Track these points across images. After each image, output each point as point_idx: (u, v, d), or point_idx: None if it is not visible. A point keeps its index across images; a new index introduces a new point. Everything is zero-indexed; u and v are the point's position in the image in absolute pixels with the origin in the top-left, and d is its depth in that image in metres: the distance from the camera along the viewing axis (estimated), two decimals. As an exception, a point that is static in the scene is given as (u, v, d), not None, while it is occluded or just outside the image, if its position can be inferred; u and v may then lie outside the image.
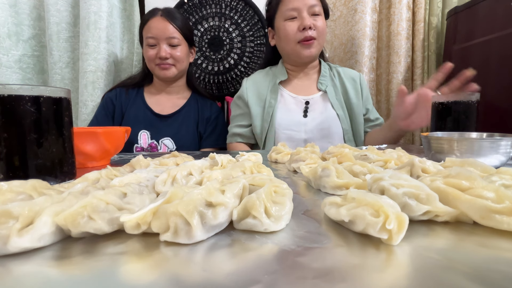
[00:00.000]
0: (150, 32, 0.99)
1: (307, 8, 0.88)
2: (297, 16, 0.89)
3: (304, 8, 0.87)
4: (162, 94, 1.10)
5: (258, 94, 0.98)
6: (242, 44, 1.33)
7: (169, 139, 1.04)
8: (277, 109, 0.95)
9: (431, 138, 0.51)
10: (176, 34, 0.99)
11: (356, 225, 0.23)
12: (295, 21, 0.89)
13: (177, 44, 1.00)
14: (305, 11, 0.87)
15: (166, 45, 0.99)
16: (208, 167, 0.41)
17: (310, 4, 0.87)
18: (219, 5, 1.30)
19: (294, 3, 0.88)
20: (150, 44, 1.00)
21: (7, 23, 1.12)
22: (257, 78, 1.02)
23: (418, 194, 0.25)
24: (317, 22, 0.89)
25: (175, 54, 1.00)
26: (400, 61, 1.29)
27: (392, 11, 1.29)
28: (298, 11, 0.88)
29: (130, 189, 0.28)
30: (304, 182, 0.42)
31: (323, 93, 0.96)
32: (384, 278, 0.17)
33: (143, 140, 1.03)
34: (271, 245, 0.22)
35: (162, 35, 0.98)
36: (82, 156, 0.54)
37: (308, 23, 0.87)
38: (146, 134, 1.04)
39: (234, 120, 1.01)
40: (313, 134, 0.93)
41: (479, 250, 0.21)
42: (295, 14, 0.88)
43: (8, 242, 0.20)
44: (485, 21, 1.04)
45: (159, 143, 1.03)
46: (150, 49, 1.00)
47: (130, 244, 0.22)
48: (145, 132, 1.04)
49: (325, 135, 0.93)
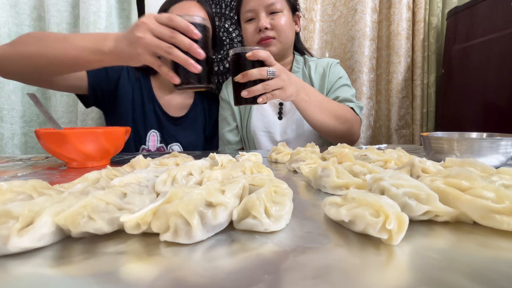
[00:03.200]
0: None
1: (264, 7, 0.85)
2: (255, 17, 0.87)
3: (260, 8, 0.85)
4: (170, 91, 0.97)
5: None
6: (242, 44, 1.33)
7: (178, 144, 0.95)
8: (252, 111, 0.95)
9: (431, 138, 0.51)
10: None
11: (356, 225, 0.23)
12: (253, 22, 0.87)
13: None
14: (262, 11, 0.85)
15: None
16: (208, 167, 0.41)
17: (267, 3, 0.84)
18: (219, 5, 1.30)
19: (250, 4, 0.86)
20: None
21: (8, 24, 1.12)
22: None
23: (418, 194, 0.25)
24: (276, 21, 0.85)
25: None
26: (400, 61, 1.29)
27: (392, 11, 1.29)
28: (255, 12, 0.86)
29: (130, 189, 0.28)
30: (304, 182, 0.42)
31: None
32: (384, 278, 0.17)
33: (152, 142, 0.93)
34: (271, 245, 0.22)
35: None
36: (82, 156, 0.55)
37: (263, 24, 0.84)
38: (156, 135, 0.93)
39: (224, 123, 1.00)
40: (288, 135, 0.93)
41: (479, 250, 0.21)
42: (253, 15, 0.87)
43: (8, 242, 0.20)
44: (485, 21, 1.04)
45: (168, 148, 0.94)
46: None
47: (130, 244, 0.22)
48: (155, 133, 0.93)
49: (300, 134, 0.92)
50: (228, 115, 0.99)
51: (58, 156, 0.55)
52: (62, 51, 0.58)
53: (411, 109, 1.33)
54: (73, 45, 0.57)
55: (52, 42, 0.59)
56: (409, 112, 1.33)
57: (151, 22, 0.51)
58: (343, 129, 0.81)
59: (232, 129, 0.98)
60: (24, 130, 1.18)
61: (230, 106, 0.99)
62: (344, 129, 0.81)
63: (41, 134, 0.53)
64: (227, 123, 0.99)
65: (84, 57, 0.57)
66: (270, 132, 0.94)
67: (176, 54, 0.51)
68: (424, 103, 1.32)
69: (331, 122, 0.78)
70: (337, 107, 0.81)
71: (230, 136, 0.98)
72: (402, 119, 1.34)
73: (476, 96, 1.07)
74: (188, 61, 0.51)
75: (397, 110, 1.33)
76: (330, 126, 0.78)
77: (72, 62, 0.59)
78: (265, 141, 0.95)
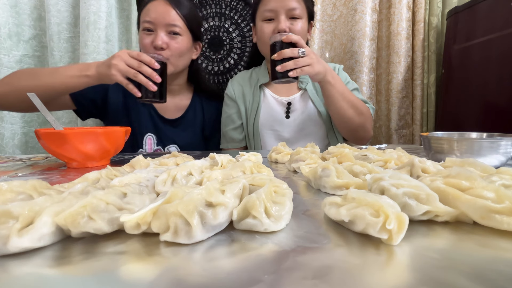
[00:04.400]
0: (148, 16, 0.84)
1: (285, 11, 0.85)
2: (274, 18, 0.87)
3: (281, 10, 0.85)
4: None
5: (242, 94, 0.99)
6: (242, 44, 1.33)
7: (175, 146, 0.95)
8: (261, 109, 0.96)
9: (431, 138, 0.51)
10: (178, 22, 0.84)
11: (356, 225, 0.23)
12: (272, 23, 0.87)
13: (178, 33, 0.85)
14: (282, 14, 0.85)
15: (164, 33, 0.84)
16: (208, 167, 0.41)
17: (289, 7, 0.85)
18: (219, 5, 1.30)
19: (271, 4, 0.85)
20: (146, 29, 0.85)
21: (8, 24, 1.12)
22: (241, 79, 1.03)
23: (418, 194, 0.25)
24: (294, 26, 0.86)
25: (173, 45, 0.84)
26: (400, 61, 1.29)
27: (392, 11, 1.29)
28: (275, 13, 0.86)
29: (130, 189, 0.28)
30: (304, 182, 0.42)
31: (304, 91, 0.96)
32: (384, 278, 0.17)
33: (149, 146, 0.94)
34: (271, 245, 0.22)
35: (162, 20, 0.83)
36: (82, 156, 0.55)
37: (283, 27, 0.84)
38: (152, 138, 0.94)
39: (228, 121, 1.00)
40: (296, 133, 0.94)
41: (479, 250, 0.21)
42: (272, 15, 0.86)
43: (8, 242, 0.20)
44: (485, 21, 1.04)
45: (165, 150, 0.95)
46: (146, 36, 0.85)
47: (130, 244, 0.22)
48: (151, 136, 0.94)
49: (307, 133, 0.94)
50: (233, 112, 0.99)
51: (58, 156, 0.55)
52: (54, 79, 0.72)
53: (411, 109, 1.33)
54: (63, 75, 0.72)
55: (43, 75, 0.72)
56: (409, 112, 1.33)
57: (124, 55, 0.70)
58: (359, 121, 0.84)
59: (236, 127, 0.99)
60: (25, 130, 1.18)
61: (235, 104, 0.99)
62: (359, 121, 0.84)
63: (41, 134, 0.53)
64: (231, 120, 0.99)
65: (74, 82, 0.72)
66: (277, 130, 0.95)
67: (140, 78, 0.70)
68: (424, 103, 1.32)
69: (349, 111, 0.81)
70: (356, 99, 0.84)
71: (234, 134, 0.99)
72: (402, 119, 1.34)
73: (476, 96, 1.07)
74: (148, 83, 0.71)
75: (397, 110, 1.33)
76: (348, 114, 0.82)
77: (63, 87, 0.72)
78: (271, 139, 0.95)
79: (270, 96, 0.97)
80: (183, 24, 0.86)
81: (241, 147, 1.00)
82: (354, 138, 0.90)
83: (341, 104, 0.80)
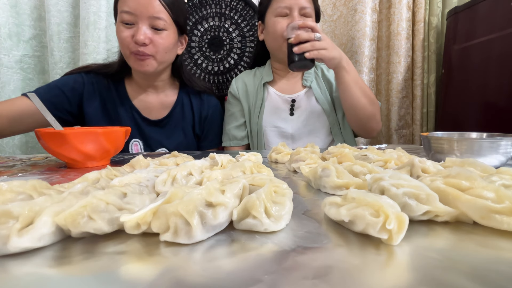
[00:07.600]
0: (126, 5, 0.71)
1: (299, 8, 0.89)
2: (288, 14, 0.90)
3: (296, 7, 0.89)
4: (148, 91, 0.88)
5: (246, 93, 1.00)
6: (242, 44, 1.33)
7: (164, 149, 0.89)
8: (265, 107, 0.97)
9: (431, 138, 0.51)
10: (163, 14, 0.74)
11: (356, 225, 0.23)
12: (286, 19, 0.90)
13: (163, 28, 0.75)
14: (296, 11, 0.89)
15: (147, 26, 0.73)
16: (208, 167, 0.41)
17: (302, 5, 0.89)
18: (219, 5, 1.30)
19: (287, 1, 0.89)
20: (125, 21, 0.73)
21: (8, 24, 1.12)
22: (245, 78, 1.04)
23: (418, 194, 0.25)
24: None
25: (157, 41, 0.75)
26: (400, 61, 1.29)
27: (392, 11, 1.29)
28: (290, 9, 0.89)
29: (130, 189, 0.28)
30: (304, 182, 0.42)
31: (308, 89, 0.98)
32: (384, 278, 0.17)
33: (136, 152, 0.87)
34: (271, 245, 0.22)
35: (144, 11, 0.72)
36: (82, 156, 0.55)
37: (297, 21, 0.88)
38: (139, 144, 0.87)
39: (231, 119, 1.01)
40: (300, 130, 0.95)
41: (479, 250, 0.21)
42: (287, 11, 0.90)
43: (8, 242, 0.20)
44: (485, 21, 1.04)
45: None
46: (125, 28, 0.73)
47: (130, 244, 0.22)
48: (137, 141, 0.87)
49: (311, 130, 0.95)
50: (236, 110, 1.00)
51: (58, 156, 0.55)
52: None
53: (411, 109, 1.33)
54: None
55: None
56: (409, 112, 1.33)
57: None
58: (370, 110, 0.85)
59: (239, 125, 0.99)
60: (24, 130, 1.18)
61: (239, 102, 1.00)
62: (371, 111, 0.85)
63: (41, 134, 0.53)
64: (234, 118, 1.00)
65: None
66: (281, 127, 0.95)
67: None
68: (424, 103, 1.32)
69: (362, 99, 0.83)
70: (368, 89, 0.86)
71: (237, 131, 0.99)
72: (402, 119, 1.34)
73: (476, 96, 1.07)
74: None
75: (397, 110, 1.33)
76: (361, 103, 0.83)
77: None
78: (274, 137, 0.96)
79: (274, 94, 0.98)
80: (168, 16, 0.76)
81: (243, 145, 1.00)
82: (364, 129, 0.90)
83: (354, 91, 0.82)
